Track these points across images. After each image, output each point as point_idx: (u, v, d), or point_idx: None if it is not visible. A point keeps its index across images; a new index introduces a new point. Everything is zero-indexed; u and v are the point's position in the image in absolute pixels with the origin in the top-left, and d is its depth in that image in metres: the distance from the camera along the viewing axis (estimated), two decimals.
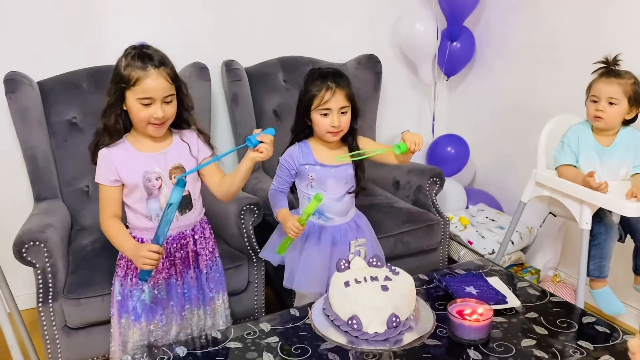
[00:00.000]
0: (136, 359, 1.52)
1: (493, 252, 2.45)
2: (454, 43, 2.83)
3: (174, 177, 1.59)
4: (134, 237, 1.61)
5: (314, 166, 1.78)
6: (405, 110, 3.05)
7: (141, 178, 1.56)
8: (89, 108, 2.29)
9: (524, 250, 2.64)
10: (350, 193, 1.85)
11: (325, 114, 1.72)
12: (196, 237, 1.69)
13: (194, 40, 2.55)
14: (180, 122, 1.62)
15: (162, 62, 1.51)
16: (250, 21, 2.67)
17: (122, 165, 1.54)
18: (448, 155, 2.81)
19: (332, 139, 1.76)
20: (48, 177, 2.22)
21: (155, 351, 1.55)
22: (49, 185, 2.22)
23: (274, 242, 1.93)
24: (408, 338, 1.39)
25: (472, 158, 2.94)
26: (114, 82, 1.51)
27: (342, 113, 1.73)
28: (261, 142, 1.46)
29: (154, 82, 1.49)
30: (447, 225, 2.38)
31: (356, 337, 1.38)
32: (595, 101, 1.87)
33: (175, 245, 1.65)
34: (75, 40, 2.40)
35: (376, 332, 1.37)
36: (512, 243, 2.50)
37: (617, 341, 1.57)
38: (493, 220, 2.66)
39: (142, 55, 1.50)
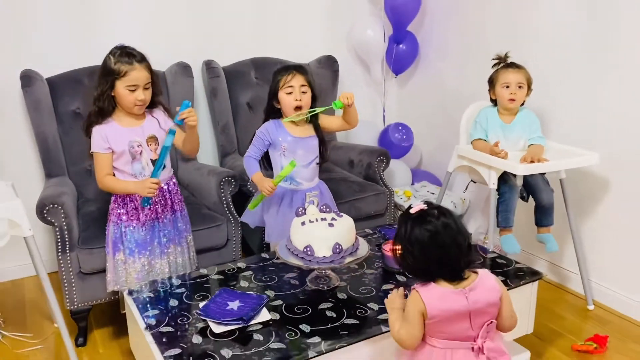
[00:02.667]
0: (139, 290, 1.97)
1: None
2: (400, 45, 3.32)
3: (150, 145, 2.06)
4: (128, 195, 2.07)
5: (287, 137, 2.21)
6: (360, 103, 3.39)
7: (127, 146, 2.02)
8: (90, 100, 2.71)
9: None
10: (317, 164, 2.30)
11: (290, 92, 2.17)
12: (170, 188, 2.16)
13: (179, 43, 2.98)
14: (153, 103, 2.09)
15: (142, 58, 2.01)
16: (227, 27, 3.11)
17: (111, 137, 2.01)
18: (396, 140, 3.30)
19: (293, 116, 2.17)
20: (57, 157, 2.62)
21: (155, 283, 2.00)
22: (58, 164, 2.63)
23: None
24: (348, 260, 1.86)
25: (418, 143, 3.44)
26: (105, 75, 1.97)
27: (303, 92, 2.18)
28: (184, 119, 1.97)
29: (139, 73, 1.97)
30: (392, 195, 2.87)
31: (310, 260, 1.83)
32: (507, 87, 2.36)
33: (157, 198, 2.10)
34: (77, 43, 2.81)
35: (324, 256, 1.82)
36: None
37: (509, 268, 2.08)
38: (433, 193, 3.15)
39: (128, 53, 1.98)
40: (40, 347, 2.31)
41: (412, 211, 1.43)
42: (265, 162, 2.33)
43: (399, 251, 1.44)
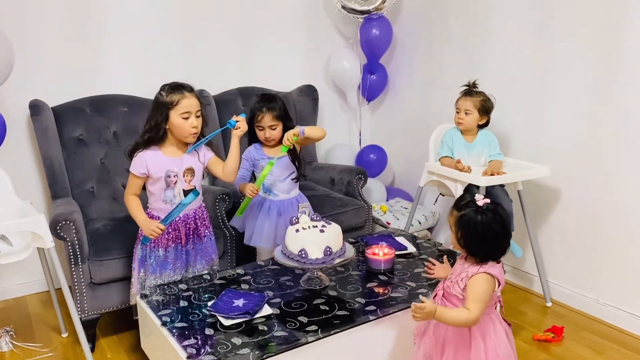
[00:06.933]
0: (151, 293, 2.20)
1: None
2: (372, 76, 3.66)
3: (186, 176, 2.26)
4: (152, 215, 2.27)
5: (264, 159, 2.53)
6: (338, 128, 3.84)
7: (163, 173, 2.22)
8: (91, 127, 2.94)
9: (430, 229, 3.45)
10: (292, 179, 2.59)
11: (261, 129, 2.49)
12: (197, 217, 2.35)
13: (173, 76, 3.20)
14: (202, 133, 2.26)
15: (191, 88, 2.22)
16: (216, 60, 3.40)
17: (151, 163, 2.19)
18: (371, 160, 3.62)
19: (267, 145, 2.54)
20: (62, 180, 2.82)
21: (165, 287, 2.23)
22: (63, 186, 2.83)
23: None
24: (338, 260, 2.13)
25: (391, 163, 3.76)
26: (158, 108, 2.15)
27: (272, 129, 2.48)
28: (237, 121, 2.21)
29: (189, 101, 2.17)
30: (370, 209, 3.17)
31: (304, 262, 2.10)
32: (458, 112, 2.72)
33: (181, 222, 2.31)
34: (80, 75, 3.04)
35: (317, 258, 2.09)
36: (420, 223, 3.31)
37: None
38: (406, 208, 3.46)
39: (177, 85, 2.19)
40: (52, 354, 2.49)
41: (479, 203, 1.67)
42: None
43: (459, 233, 1.68)
